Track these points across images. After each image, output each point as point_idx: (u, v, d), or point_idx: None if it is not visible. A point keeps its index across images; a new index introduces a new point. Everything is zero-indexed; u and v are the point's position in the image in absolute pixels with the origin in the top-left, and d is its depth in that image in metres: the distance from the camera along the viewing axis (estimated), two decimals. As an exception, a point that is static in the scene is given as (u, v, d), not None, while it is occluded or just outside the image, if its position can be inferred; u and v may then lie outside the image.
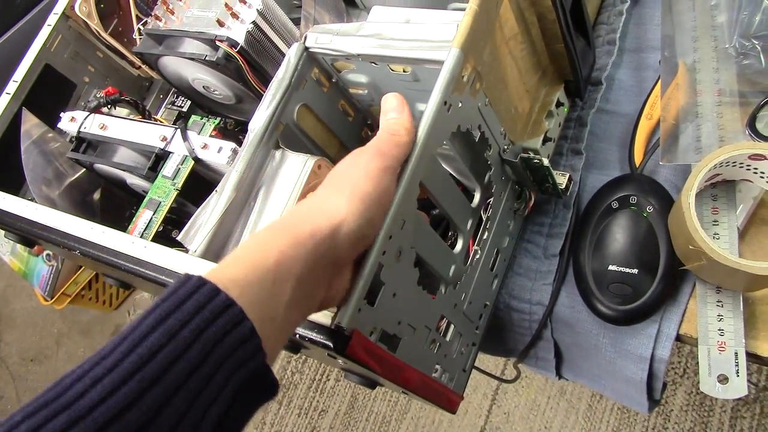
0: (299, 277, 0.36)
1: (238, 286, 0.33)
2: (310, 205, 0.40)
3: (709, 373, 0.52)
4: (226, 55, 0.61)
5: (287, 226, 0.38)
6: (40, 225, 0.56)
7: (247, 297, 0.33)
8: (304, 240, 0.36)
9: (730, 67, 0.58)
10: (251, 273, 0.34)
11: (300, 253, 0.36)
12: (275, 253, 0.35)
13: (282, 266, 0.35)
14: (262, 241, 0.36)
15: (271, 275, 0.35)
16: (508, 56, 0.52)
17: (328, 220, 0.38)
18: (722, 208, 0.54)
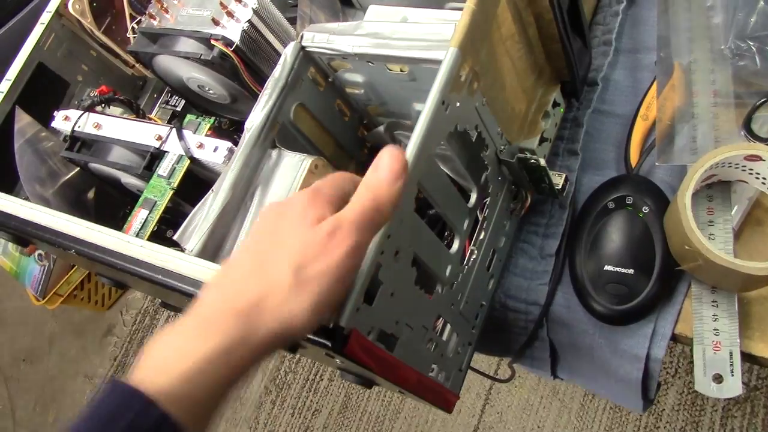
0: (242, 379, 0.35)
1: (182, 409, 0.32)
2: (264, 296, 0.34)
3: (704, 372, 0.52)
4: (221, 54, 0.60)
5: (243, 333, 0.33)
6: (34, 224, 0.55)
7: (190, 415, 0.32)
8: (259, 355, 0.34)
9: (725, 68, 0.58)
10: (194, 390, 0.32)
11: (251, 366, 0.35)
12: (229, 372, 0.33)
13: (229, 382, 0.34)
14: (216, 357, 0.33)
15: (220, 392, 0.34)
16: (505, 56, 0.52)
17: (286, 330, 0.34)
18: (717, 209, 0.55)
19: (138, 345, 1.91)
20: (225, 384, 0.33)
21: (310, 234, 0.35)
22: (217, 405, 0.34)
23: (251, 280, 0.35)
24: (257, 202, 0.52)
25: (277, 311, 0.34)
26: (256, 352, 0.34)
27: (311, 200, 0.37)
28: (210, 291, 0.37)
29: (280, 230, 0.37)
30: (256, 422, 1.66)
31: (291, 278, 0.34)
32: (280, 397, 1.66)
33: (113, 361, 1.91)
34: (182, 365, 0.32)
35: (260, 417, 1.66)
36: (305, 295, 0.35)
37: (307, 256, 0.35)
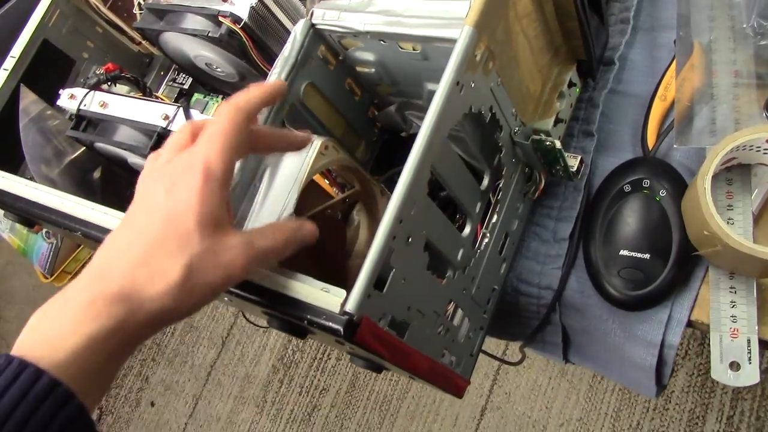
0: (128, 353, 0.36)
1: (72, 377, 0.32)
2: (143, 293, 0.35)
3: (720, 359, 0.51)
4: (229, 32, 0.59)
5: (123, 324, 0.34)
6: (40, 206, 0.55)
7: (79, 383, 0.32)
8: (141, 334, 0.36)
9: (747, 47, 0.56)
10: (86, 368, 0.33)
11: (135, 342, 0.36)
12: (109, 350, 0.34)
13: (115, 355, 0.35)
14: (102, 339, 0.33)
15: (105, 364, 0.34)
16: (521, 35, 0.50)
17: (157, 307, 0.35)
18: (737, 193, 0.53)
19: (146, 322, 1.92)
20: (112, 359, 0.34)
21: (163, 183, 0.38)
22: (106, 378, 0.35)
23: (133, 261, 0.36)
24: (266, 184, 0.51)
25: (150, 306, 0.35)
26: (141, 329, 0.35)
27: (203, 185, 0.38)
28: (98, 259, 0.37)
29: (146, 196, 0.39)
30: (263, 401, 1.67)
31: (179, 282, 0.36)
32: (288, 376, 1.67)
33: (122, 338, 1.92)
34: (70, 343, 0.32)
35: (268, 396, 1.67)
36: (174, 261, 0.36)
37: (202, 263, 0.36)
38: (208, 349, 1.80)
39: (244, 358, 1.74)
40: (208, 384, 1.76)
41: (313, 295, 0.41)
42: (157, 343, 1.87)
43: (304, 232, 0.43)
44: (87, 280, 0.36)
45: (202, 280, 0.36)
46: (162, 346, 1.87)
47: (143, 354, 1.89)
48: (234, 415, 1.69)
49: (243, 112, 0.40)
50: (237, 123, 0.39)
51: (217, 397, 1.74)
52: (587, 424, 1.32)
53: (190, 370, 1.80)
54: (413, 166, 0.41)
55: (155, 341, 1.87)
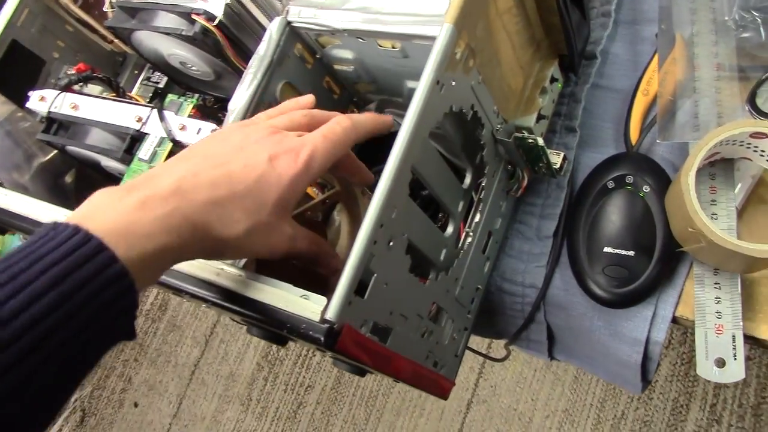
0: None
1: (136, 271, 0.34)
2: (209, 230, 0.38)
3: (706, 356, 0.50)
4: (203, 30, 0.58)
5: (186, 246, 0.37)
6: (10, 213, 0.53)
7: (139, 276, 0.34)
8: (195, 252, 0.38)
9: (729, 40, 0.56)
10: (150, 269, 0.35)
11: (194, 252, 0.38)
12: (171, 260, 0.37)
13: (172, 256, 0.37)
14: (169, 252, 0.36)
15: (166, 267, 0.37)
16: (501, 31, 0.49)
17: (222, 245, 0.38)
18: (720, 188, 0.53)
19: (128, 322, 1.89)
20: (163, 268, 0.37)
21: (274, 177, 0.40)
22: (152, 278, 0.37)
23: (214, 199, 0.38)
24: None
25: (210, 242, 0.38)
26: (193, 255, 0.38)
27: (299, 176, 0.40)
28: (185, 167, 0.39)
29: (254, 148, 0.40)
30: (248, 399, 1.66)
31: (239, 236, 0.38)
32: (273, 374, 1.65)
33: (103, 338, 1.90)
34: (143, 245, 0.34)
35: (253, 393, 1.66)
36: (248, 219, 0.39)
37: (260, 231, 0.39)
38: (191, 348, 1.78)
39: (228, 356, 1.73)
40: (192, 383, 1.75)
41: (293, 303, 0.40)
42: (140, 343, 1.85)
43: (330, 263, 0.46)
44: (168, 189, 0.37)
45: (249, 247, 0.40)
46: (144, 346, 1.85)
47: (125, 354, 1.86)
48: (219, 414, 1.68)
49: (355, 132, 0.43)
50: (348, 137, 0.43)
51: (201, 396, 1.72)
52: (572, 415, 1.33)
53: (174, 370, 1.78)
54: (393, 168, 0.40)
55: (137, 341, 1.85)
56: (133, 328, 0.35)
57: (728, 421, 1.21)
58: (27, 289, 0.30)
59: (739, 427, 1.20)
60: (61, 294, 0.30)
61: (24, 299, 0.30)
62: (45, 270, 0.31)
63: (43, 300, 0.30)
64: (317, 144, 0.41)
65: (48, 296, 0.30)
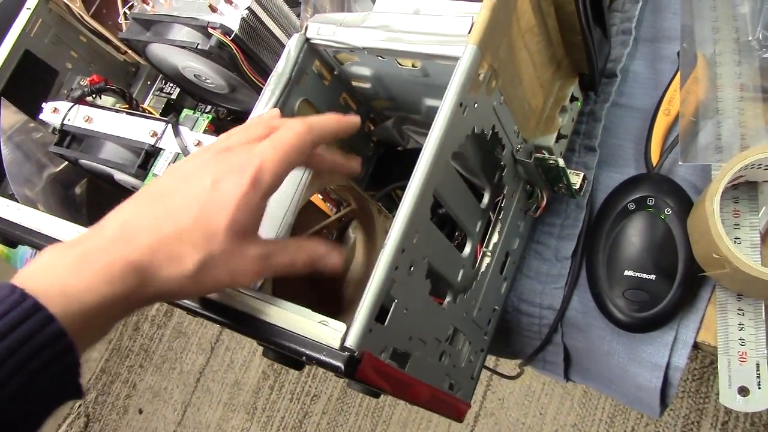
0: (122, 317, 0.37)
1: (75, 328, 0.32)
2: (159, 270, 0.36)
3: (729, 384, 0.49)
4: (219, 44, 0.57)
5: (133, 293, 0.35)
6: (21, 227, 0.52)
7: (80, 335, 0.33)
8: (144, 303, 0.37)
9: (752, 60, 0.55)
10: (91, 325, 0.34)
11: (145, 299, 0.36)
12: (117, 313, 0.35)
13: (118, 316, 0.36)
14: (110, 302, 0.34)
15: (107, 325, 0.35)
16: (523, 50, 0.48)
17: (173, 284, 0.36)
18: (744, 211, 0.52)
19: (133, 329, 1.89)
20: (110, 320, 0.35)
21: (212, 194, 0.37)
22: (97, 333, 0.35)
23: (157, 235, 0.36)
24: (259, 205, 0.49)
25: (172, 259, 0.36)
26: (145, 302, 0.37)
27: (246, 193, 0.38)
28: (124, 215, 0.38)
29: (193, 176, 0.38)
30: (254, 408, 1.65)
31: (192, 272, 0.37)
32: (279, 383, 1.65)
33: (108, 344, 1.89)
34: (83, 298, 0.33)
35: (258, 402, 1.65)
36: (193, 254, 0.36)
37: (216, 262, 0.37)
38: (197, 355, 1.77)
39: (233, 364, 1.72)
40: (197, 391, 1.74)
41: (312, 328, 0.39)
42: (145, 349, 1.85)
43: (327, 261, 0.42)
44: (110, 238, 0.36)
45: (211, 278, 0.37)
46: (150, 352, 1.84)
47: (130, 360, 1.86)
48: (224, 423, 1.67)
49: (311, 135, 0.40)
50: (303, 141, 0.40)
51: (206, 404, 1.71)
52: (581, 431, 1.31)
53: (179, 377, 1.77)
54: (416, 193, 0.39)
55: (143, 347, 1.85)
56: (79, 386, 0.34)
57: (740, 439, 1.20)
58: None
59: (750, 445, 1.19)
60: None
61: None
62: None
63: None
64: (265, 156, 0.38)
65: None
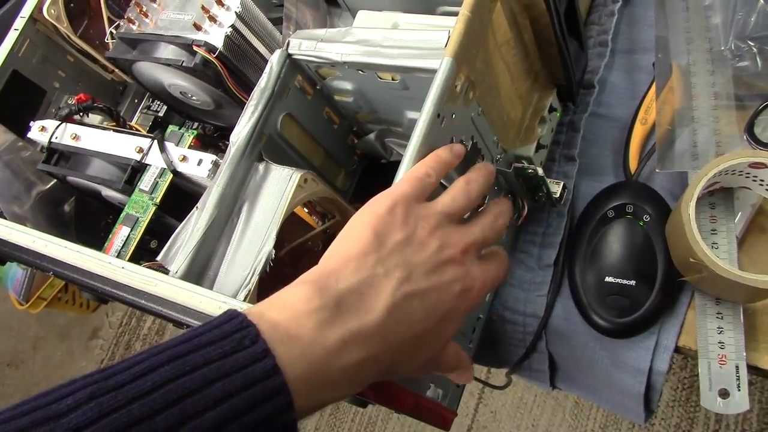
0: None
1: (303, 399, 0.32)
2: (414, 347, 0.36)
3: (709, 387, 0.50)
4: (203, 61, 0.58)
5: (380, 368, 0.35)
6: (10, 244, 0.53)
7: (306, 407, 0.32)
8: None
9: (726, 69, 0.56)
10: (320, 400, 0.33)
11: None
12: (338, 372, 0.34)
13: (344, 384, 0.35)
14: (357, 378, 0.34)
15: (329, 396, 0.34)
16: (500, 62, 0.49)
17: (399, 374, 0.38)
18: (720, 217, 0.53)
19: (124, 348, 1.88)
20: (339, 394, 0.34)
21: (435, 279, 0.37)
22: (324, 402, 0.34)
23: (399, 342, 0.36)
24: (244, 218, 0.49)
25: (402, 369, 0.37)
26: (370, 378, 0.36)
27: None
28: (388, 284, 0.36)
29: (431, 294, 0.37)
30: (246, 425, 1.64)
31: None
32: (271, 399, 1.64)
33: (100, 364, 1.88)
34: (322, 397, 0.33)
35: (251, 419, 1.64)
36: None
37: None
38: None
39: (225, 381, 1.71)
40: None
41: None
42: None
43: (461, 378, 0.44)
44: (377, 322, 0.34)
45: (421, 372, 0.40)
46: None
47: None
48: (216, 441, 1.66)
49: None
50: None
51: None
52: (574, 441, 1.32)
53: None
54: (395, 202, 0.40)
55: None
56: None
57: (731, 446, 1.20)
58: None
59: (741, 452, 1.19)
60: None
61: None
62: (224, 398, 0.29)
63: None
64: (487, 282, 0.40)
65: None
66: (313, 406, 0.33)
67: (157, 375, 0.29)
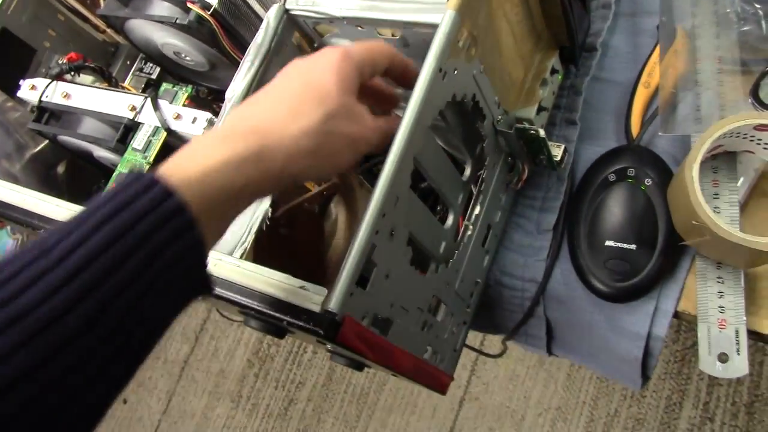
0: (252, 199, 0.36)
1: (196, 197, 0.32)
2: (283, 130, 0.36)
3: (708, 351, 0.50)
4: (198, 18, 0.56)
5: (258, 155, 0.35)
6: (2, 203, 0.52)
7: (202, 207, 0.32)
8: (272, 176, 0.35)
9: (731, 33, 0.55)
10: (213, 192, 0.33)
11: (265, 188, 0.36)
12: (242, 182, 0.34)
13: (243, 194, 0.35)
14: (233, 162, 0.34)
15: (233, 201, 0.34)
16: (503, 20, 0.48)
17: (291, 163, 0.36)
18: (723, 181, 0.52)
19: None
20: (237, 189, 0.34)
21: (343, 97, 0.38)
22: (227, 210, 0.35)
23: (275, 108, 0.37)
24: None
25: (287, 144, 0.36)
26: (265, 173, 0.35)
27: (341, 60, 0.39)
28: (235, 112, 0.39)
29: (284, 74, 0.40)
30: (239, 396, 1.64)
31: (318, 124, 0.37)
32: (263, 370, 1.64)
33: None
34: (201, 164, 0.33)
35: (243, 390, 1.65)
36: (302, 120, 0.36)
37: (339, 115, 0.37)
38: (181, 345, 1.76)
39: (218, 353, 1.71)
40: (181, 380, 1.73)
41: (293, 293, 0.39)
42: (129, 339, 1.83)
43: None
44: (226, 124, 0.37)
45: (339, 130, 0.38)
46: (134, 343, 1.83)
47: (115, 351, 1.84)
48: (209, 411, 1.67)
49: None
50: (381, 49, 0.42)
51: (191, 393, 1.71)
52: (565, 413, 1.32)
53: (163, 366, 1.77)
54: (396, 156, 0.39)
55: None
56: (207, 277, 0.34)
57: (721, 419, 1.21)
58: (81, 228, 0.29)
59: (732, 425, 1.20)
60: (115, 228, 0.29)
61: (75, 239, 0.28)
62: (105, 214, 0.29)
63: (96, 236, 0.28)
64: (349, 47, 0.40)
65: (102, 231, 0.29)
66: (204, 186, 0.32)
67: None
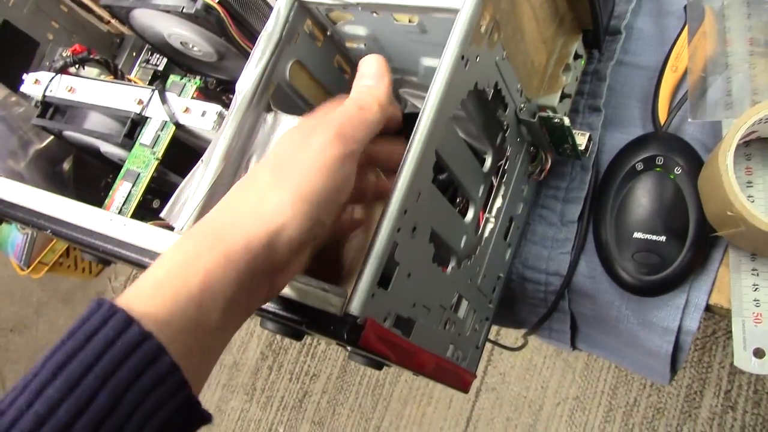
0: (230, 298, 0.31)
1: (156, 319, 0.28)
2: (243, 202, 0.33)
3: (744, 346, 0.48)
4: (205, 7, 0.54)
5: (215, 236, 0.31)
6: (5, 202, 0.50)
7: (167, 329, 0.29)
8: (235, 256, 0.31)
9: (762, 13, 0.53)
10: (172, 301, 0.29)
11: (230, 273, 0.31)
12: (201, 276, 0.30)
13: (209, 290, 0.30)
14: (185, 260, 0.30)
15: (196, 302, 0.30)
16: (525, 3, 0.46)
17: (265, 227, 0.32)
18: (756, 168, 0.50)
19: (129, 312, 1.87)
20: (197, 297, 0.30)
21: (298, 150, 0.34)
22: (196, 326, 0.30)
23: (238, 202, 0.34)
24: (253, 172, 0.46)
25: (253, 215, 0.32)
26: (232, 257, 0.31)
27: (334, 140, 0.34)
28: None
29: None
30: (253, 388, 1.64)
31: (269, 178, 0.33)
32: (278, 363, 1.63)
33: (104, 329, 1.87)
34: (156, 277, 0.30)
35: (257, 383, 1.64)
36: (282, 188, 0.33)
37: (286, 161, 0.34)
38: (193, 338, 1.76)
39: (231, 345, 1.71)
40: (195, 373, 1.72)
41: (312, 295, 0.37)
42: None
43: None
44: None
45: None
46: (146, 336, 1.82)
47: (127, 344, 1.84)
48: (223, 404, 1.66)
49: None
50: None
51: (204, 386, 1.70)
52: (584, 403, 1.31)
53: (176, 360, 1.76)
54: (418, 150, 0.37)
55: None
56: (192, 405, 0.31)
57: (743, 407, 1.19)
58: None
59: (754, 413, 1.18)
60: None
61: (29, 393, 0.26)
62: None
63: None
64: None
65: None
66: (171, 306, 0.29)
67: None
